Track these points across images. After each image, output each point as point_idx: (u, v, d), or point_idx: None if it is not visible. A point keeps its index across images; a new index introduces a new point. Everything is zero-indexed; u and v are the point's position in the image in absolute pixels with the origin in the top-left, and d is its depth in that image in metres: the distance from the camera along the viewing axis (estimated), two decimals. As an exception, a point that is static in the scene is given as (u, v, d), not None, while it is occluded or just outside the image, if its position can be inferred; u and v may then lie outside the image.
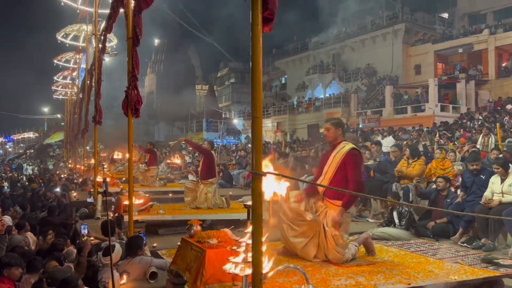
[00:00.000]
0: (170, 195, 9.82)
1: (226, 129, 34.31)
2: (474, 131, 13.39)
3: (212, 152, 8.21)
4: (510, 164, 6.37)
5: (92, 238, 5.03)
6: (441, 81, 24.02)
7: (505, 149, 8.95)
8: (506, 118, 15.11)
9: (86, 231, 5.02)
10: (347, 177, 4.15)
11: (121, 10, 6.53)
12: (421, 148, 10.15)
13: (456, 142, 11.60)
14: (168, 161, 15.32)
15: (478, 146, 9.87)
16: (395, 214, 6.43)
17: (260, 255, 2.31)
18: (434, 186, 7.01)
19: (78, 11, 13.77)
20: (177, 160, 14.52)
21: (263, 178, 2.31)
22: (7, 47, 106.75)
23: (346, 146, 4.26)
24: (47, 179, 17.24)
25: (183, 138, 11.15)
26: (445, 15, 31.60)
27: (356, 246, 4.32)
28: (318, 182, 4.35)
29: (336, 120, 4.52)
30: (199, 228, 4.00)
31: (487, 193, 5.78)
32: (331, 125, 4.37)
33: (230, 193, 11.02)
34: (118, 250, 4.09)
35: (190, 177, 10.69)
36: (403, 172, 7.67)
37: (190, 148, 17.81)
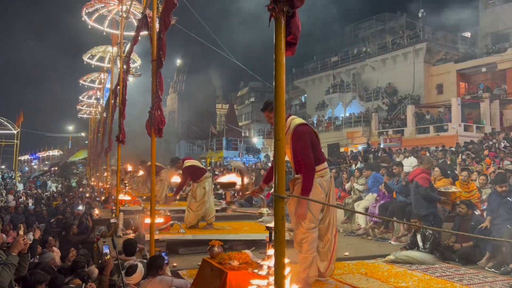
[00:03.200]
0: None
1: (245, 147, 34.45)
2: (499, 151, 13.10)
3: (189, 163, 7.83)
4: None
5: (113, 257, 5.06)
6: (464, 100, 23.67)
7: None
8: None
9: (108, 250, 5.05)
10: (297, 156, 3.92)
11: (144, 32, 6.72)
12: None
13: (481, 163, 11.32)
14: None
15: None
16: (418, 237, 6.28)
17: (283, 278, 2.28)
18: (458, 209, 6.82)
19: (104, 33, 14.20)
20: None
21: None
22: (34, 68, 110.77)
23: (292, 122, 3.98)
24: (71, 197, 17.54)
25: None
26: (467, 34, 31.33)
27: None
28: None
29: (270, 106, 3.93)
30: (220, 249, 4.00)
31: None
32: (270, 112, 3.87)
33: (249, 211, 10.99)
34: (140, 269, 4.11)
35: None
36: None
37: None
